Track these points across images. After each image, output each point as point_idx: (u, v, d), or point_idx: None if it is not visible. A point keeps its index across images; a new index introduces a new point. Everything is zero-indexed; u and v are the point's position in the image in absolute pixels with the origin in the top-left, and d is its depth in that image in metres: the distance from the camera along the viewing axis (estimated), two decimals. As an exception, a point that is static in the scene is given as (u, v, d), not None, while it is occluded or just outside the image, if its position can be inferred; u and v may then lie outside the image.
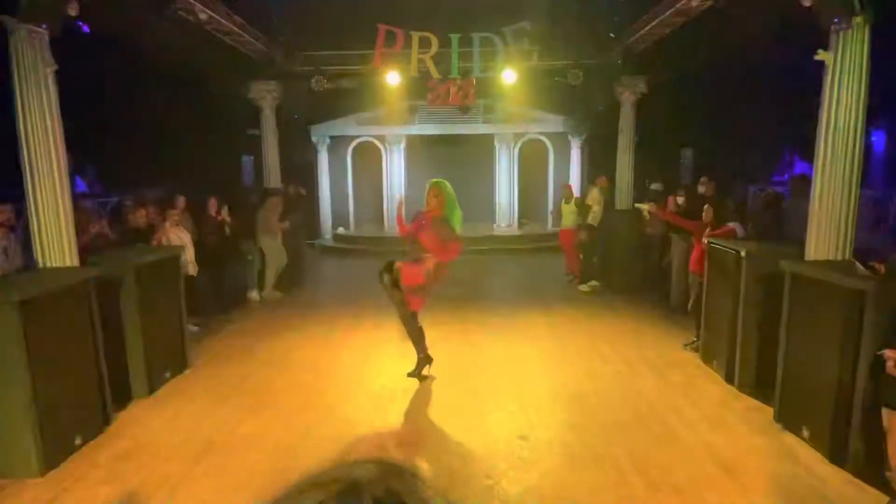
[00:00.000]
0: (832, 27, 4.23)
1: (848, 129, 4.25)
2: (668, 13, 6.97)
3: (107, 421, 4.39)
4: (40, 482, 3.66)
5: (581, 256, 9.17)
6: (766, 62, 9.70)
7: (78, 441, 4.05)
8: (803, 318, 4.16)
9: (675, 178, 11.92)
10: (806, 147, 5.42)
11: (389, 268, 4.96)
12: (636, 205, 7.06)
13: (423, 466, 3.78)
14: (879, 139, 12.31)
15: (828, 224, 4.38)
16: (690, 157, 13.04)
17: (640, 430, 4.27)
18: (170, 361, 5.40)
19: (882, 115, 11.35)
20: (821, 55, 4.31)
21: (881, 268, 3.75)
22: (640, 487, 3.54)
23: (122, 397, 4.77)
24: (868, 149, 7.74)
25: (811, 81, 4.58)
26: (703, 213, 5.99)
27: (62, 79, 4.43)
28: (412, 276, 4.84)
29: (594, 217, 9.00)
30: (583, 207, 9.17)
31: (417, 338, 5.14)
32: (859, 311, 3.59)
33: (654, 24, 7.51)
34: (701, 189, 7.49)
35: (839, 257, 4.33)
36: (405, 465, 0.63)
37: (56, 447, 3.84)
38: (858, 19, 4.12)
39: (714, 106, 11.03)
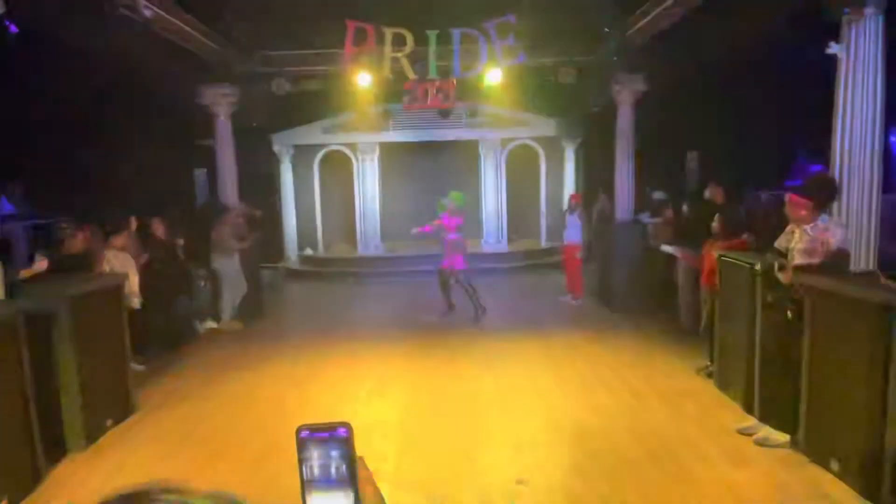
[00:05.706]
0: (843, 18, 4.38)
1: (865, 128, 4.38)
2: (667, 3, 7.14)
3: (38, 478, 4.26)
4: (-41, 553, 3.54)
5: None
6: (776, 56, 9.95)
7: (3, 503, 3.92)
8: (827, 338, 4.22)
9: (681, 185, 12.09)
10: (822, 148, 5.56)
11: None
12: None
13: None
14: (900, 138, 12.62)
15: (848, 232, 4.48)
16: (696, 161, 13.25)
17: (653, 470, 4.27)
18: (112, 407, 5.28)
19: (902, 112, 11.65)
20: (832, 49, 4.46)
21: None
22: (654, 534, 3.53)
23: (56, 450, 4.64)
24: (888, 149, 7.94)
25: (824, 77, 4.71)
26: (713, 223, 6.08)
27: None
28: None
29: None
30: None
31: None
32: (887, 327, 3.65)
33: (652, 16, 7.69)
34: (707, 195, 7.58)
35: (862, 268, 4.43)
36: (151, 486, 0.67)
37: (-22, 511, 3.72)
38: (870, 9, 4.27)
39: (721, 105, 11.24)
